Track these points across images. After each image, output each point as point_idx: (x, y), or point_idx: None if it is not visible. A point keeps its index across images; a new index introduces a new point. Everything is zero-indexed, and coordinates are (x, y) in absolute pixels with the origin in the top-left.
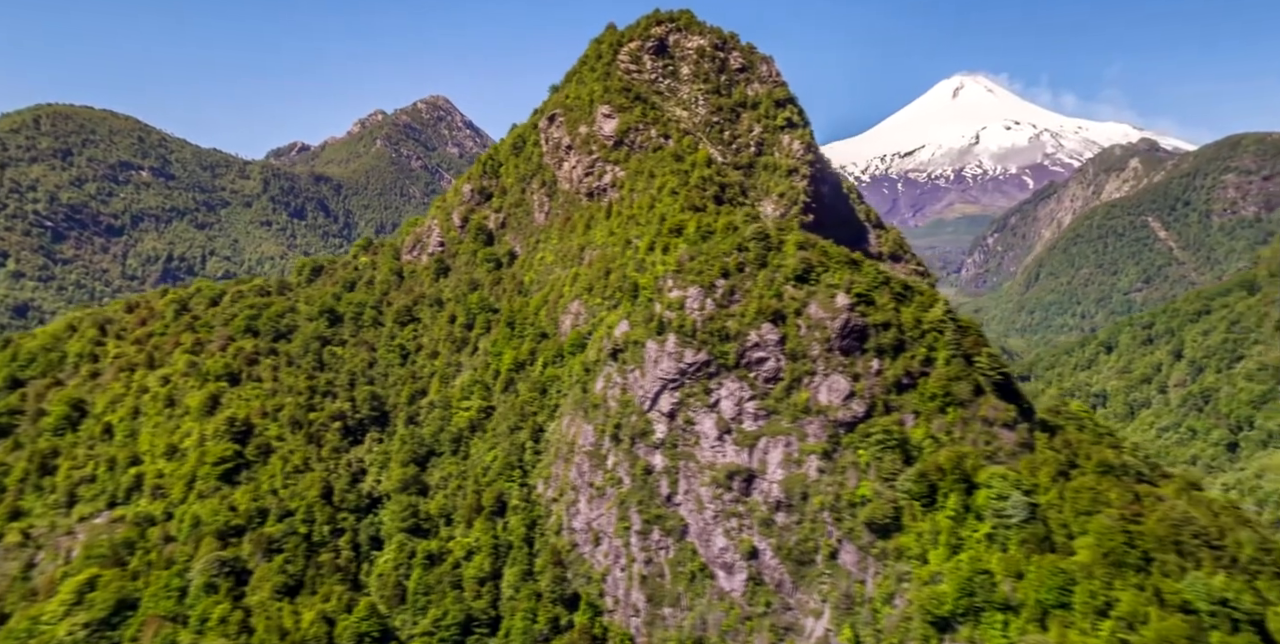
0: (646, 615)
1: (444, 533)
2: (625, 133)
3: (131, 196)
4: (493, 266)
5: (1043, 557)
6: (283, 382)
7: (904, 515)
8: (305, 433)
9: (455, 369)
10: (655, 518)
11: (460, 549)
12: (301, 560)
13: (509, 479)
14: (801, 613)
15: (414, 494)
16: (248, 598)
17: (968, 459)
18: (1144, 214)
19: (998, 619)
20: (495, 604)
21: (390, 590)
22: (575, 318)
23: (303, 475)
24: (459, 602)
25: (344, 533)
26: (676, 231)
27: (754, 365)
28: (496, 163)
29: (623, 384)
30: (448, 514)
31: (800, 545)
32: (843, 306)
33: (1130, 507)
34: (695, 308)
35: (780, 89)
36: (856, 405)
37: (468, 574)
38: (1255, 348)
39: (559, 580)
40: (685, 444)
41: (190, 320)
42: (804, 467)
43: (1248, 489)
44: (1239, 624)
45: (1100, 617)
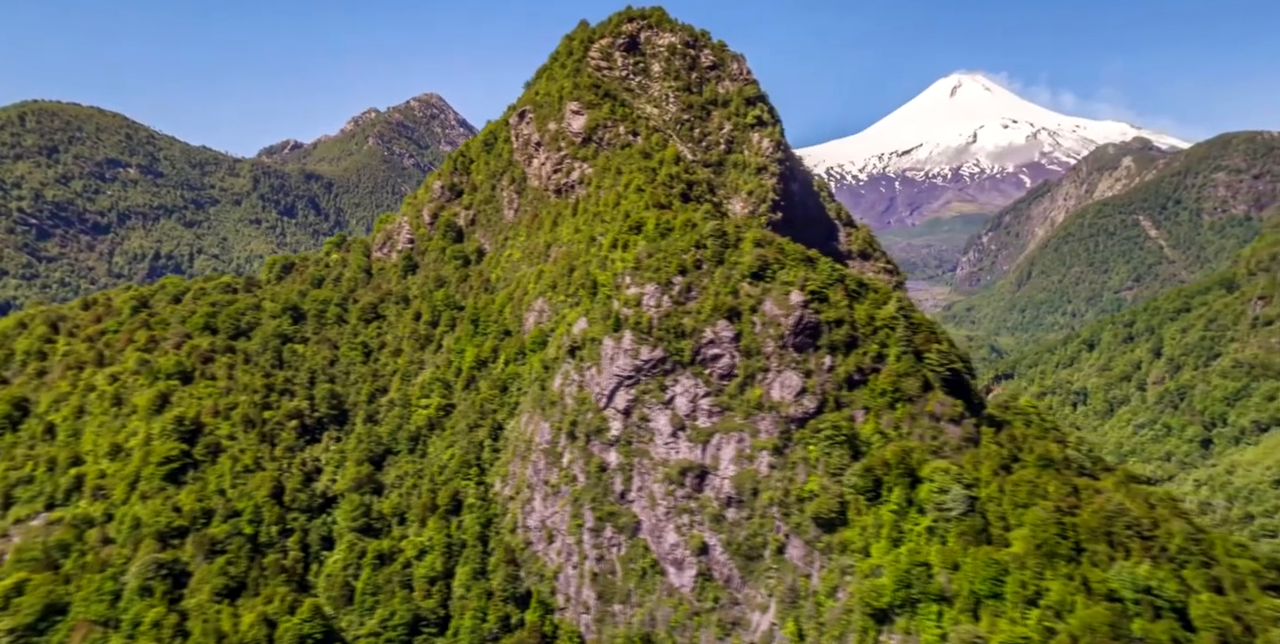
0: (597, 613)
1: (396, 532)
2: (594, 130)
3: (118, 194)
4: (460, 264)
5: (979, 548)
6: (238, 380)
7: (849, 510)
8: (259, 432)
9: (418, 367)
10: (608, 515)
11: (412, 548)
12: (245, 562)
13: (466, 477)
14: (748, 608)
15: (368, 493)
16: (185, 601)
17: (914, 454)
18: (1135, 213)
19: (933, 610)
20: (445, 604)
21: (338, 591)
22: (539, 315)
23: (253, 475)
24: (407, 601)
25: (293, 533)
26: (636, 229)
27: (709, 362)
28: (468, 159)
29: (580, 381)
30: (401, 513)
31: (749, 541)
32: (797, 304)
33: (1067, 499)
34: (652, 305)
35: (751, 87)
36: (808, 401)
37: (418, 573)
38: (1231, 345)
39: (511, 579)
40: (640, 441)
41: (146, 317)
42: (755, 462)
43: (1219, 485)
44: (1161, 612)
45: (1030, 606)
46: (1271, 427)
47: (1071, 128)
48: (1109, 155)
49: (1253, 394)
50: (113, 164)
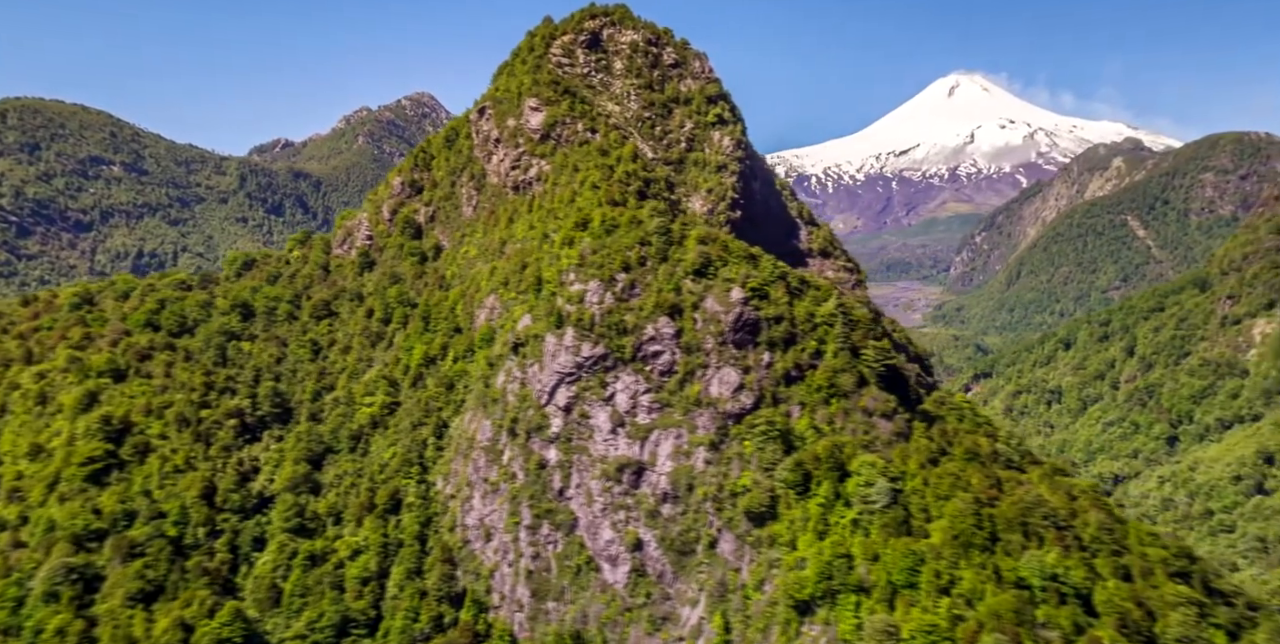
0: (530, 610)
1: (331, 532)
2: (552, 126)
3: (101, 192)
4: (418, 260)
5: (899, 540)
6: (176, 378)
7: (779, 504)
8: (193, 431)
9: (367, 365)
10: (546, 512)
11: (346, 549)
12: (165, 565)
13: (406, 476)
14: (679, 602)
15: (305, 493)
16: (96, 606)
17: (845, 448)
18: (1124, 213)
19: (852, 601)
20: (378, 604)
21: (265, 593)
22: (490, 312)
23: (183, 475)
24: (337, 603)
25: (222, 535)
26: (582, 225)
27: (650, 358)
28: (429, 156)
29: (522, 378)
30: (338, 513)
31: (682, 536)
32: (737, 300)
33: (988, 491)
34: (595, 302)
35: (712, 85)
36: (745, 397)
37: (350, 574)
38: (1201, 344)
39: (447, 578)
40: (580, 438)
41: (83, 315)
42: (692, 458)
43: (1181, 482)
44: (1066, 598)
45: (943, 595)
46: (1234, 424)
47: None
48: (1100, 155)
49: (1218, 392)
50: (96, 161)
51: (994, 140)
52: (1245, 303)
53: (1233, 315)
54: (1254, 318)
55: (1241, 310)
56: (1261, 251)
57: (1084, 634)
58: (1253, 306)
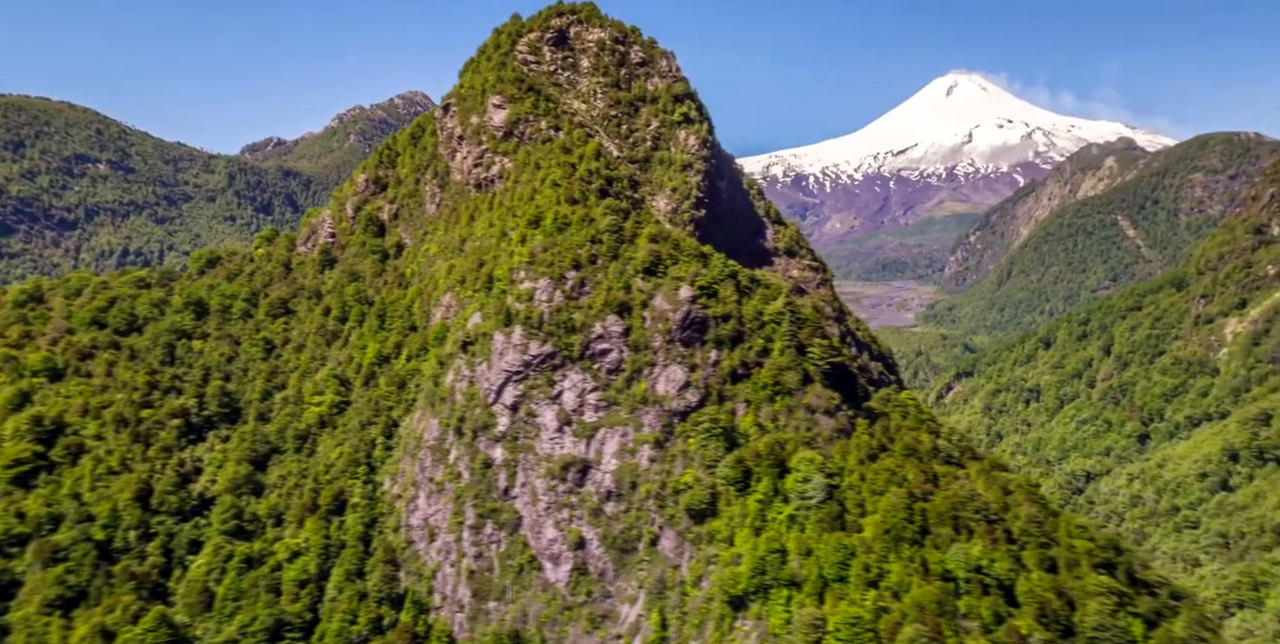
0: (470, 610)
1: (270, 534)
2: (515, 124)
3: (87, 190)
4: (379, 258)
5: (832, 534)
6: (117, 377)
7: (720, 501)
8: (132, 431)
9: (320, 363)
10: (490, 512)
11: (285, 551)
12: (89, 570)
13: (353, 476)
14: (619, 600)
15: (246, 495)
16: (10, 613)
17: (787, 445)
18: (1114, 213)
19: (783, 595)
20: (315, 607)
21: (196, 598)
22: (446, 310)
23: (117, 477)
24: (272, 606)
25: (155, 538)
26: (534, 223)
27: (598, 357)
28: (394, 153)
29: (470, 377)
30: (278, 514)
31: (625, 534)
32: (685, 299)
33: (923, 486)
34: (544, 300)
35: (679, 84)
36: (691, 395)
37: (288, 577)
38: (1175, 343)
39: (389, 579)
40: (526, 437)
41: (26, 312)
42: (637, 456)
43: (1149, 479)
44: (989, 588)
45: (871, 587)
46: (1203, 421)
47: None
48: (1092, 155)
49: (1189, 390)
50: (81, 159)
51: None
52: (1218, 302)
53: (1205, 314)
54: (1226, 317)
55: (1214, 309)
56: (1237, 251)
57: (1003, 624)
58: (1225, 306)
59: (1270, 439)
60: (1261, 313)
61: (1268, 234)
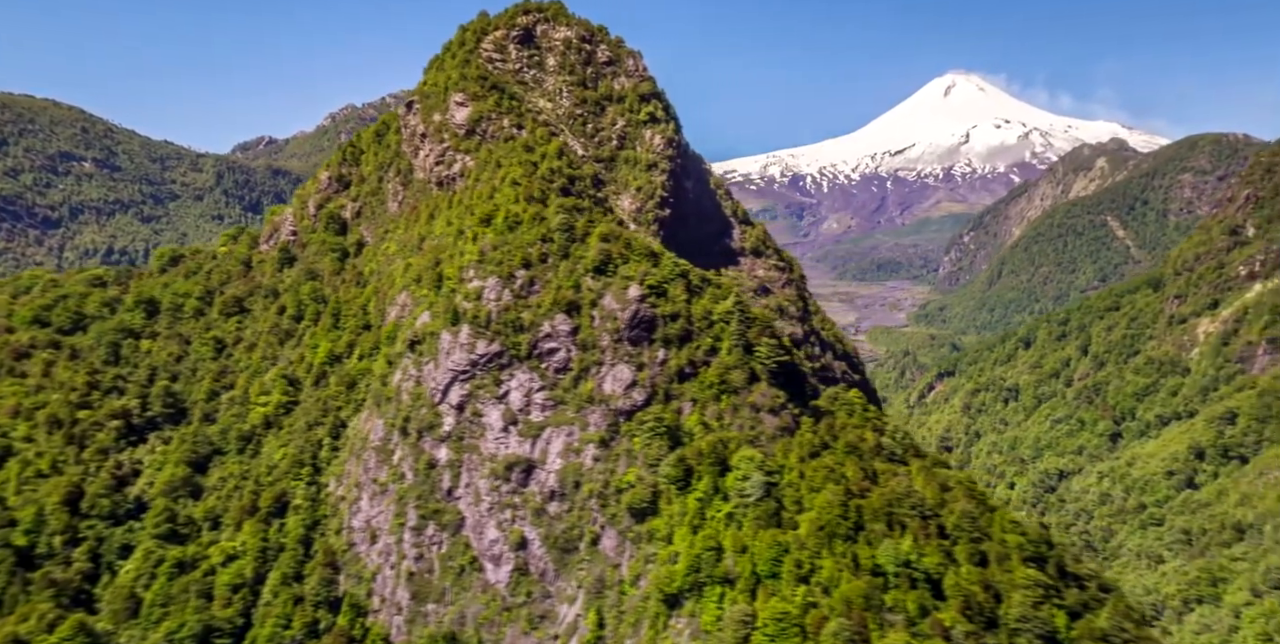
0: (409, 613)
1: (206, 538)
2: (477, 121)
3: (71, 188)
4: (339, 257)
5: (767, 531)
6: (55, 377)
7: (661, 499)
8: (66, 433)
9: (272, 363)
10: (433, 513)
11: (219, 554)
12: (4, 577)
13: (296, 478)
14: (559, 600)
15: (183, 497)
16: None
17: (730, 444)
18: (1104, 213)
19: (717, 592)
20: (249, 612)
21: (123, 604)
22: (401, 309)
23: (46, 480)
24: (202, 612)
25: (83, 543)
26: (485, 221)
27: (545, 356)
28: (358, 150)
29: (417, 376)
30: (215, 517)
31: (566, 534)
32: (634, 298)
33: (862, 483)
34: (492, 298)
35: (646, 83)
36: (637, 394)
37: (221, 581)
38: (1149, 343)
39: (327, 583)
40: (471, 437)
41: None
42: (581, 456)
43: (1118, 477)
44: (917, 582)
45: (802, 583)
46: (1172, 420)
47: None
48: (1084, 156)
49: (1160, 389)
50: (66, 157)
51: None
52: (1191, 302)
53: (1179, 315)
54: (1199, 317)
55: (1187, 310)
56: (1213, 252)
57: (928, 617)
58: (1198, 306)
59: (1234, 438)
60: (1232, 313)
61: (1242, 235)
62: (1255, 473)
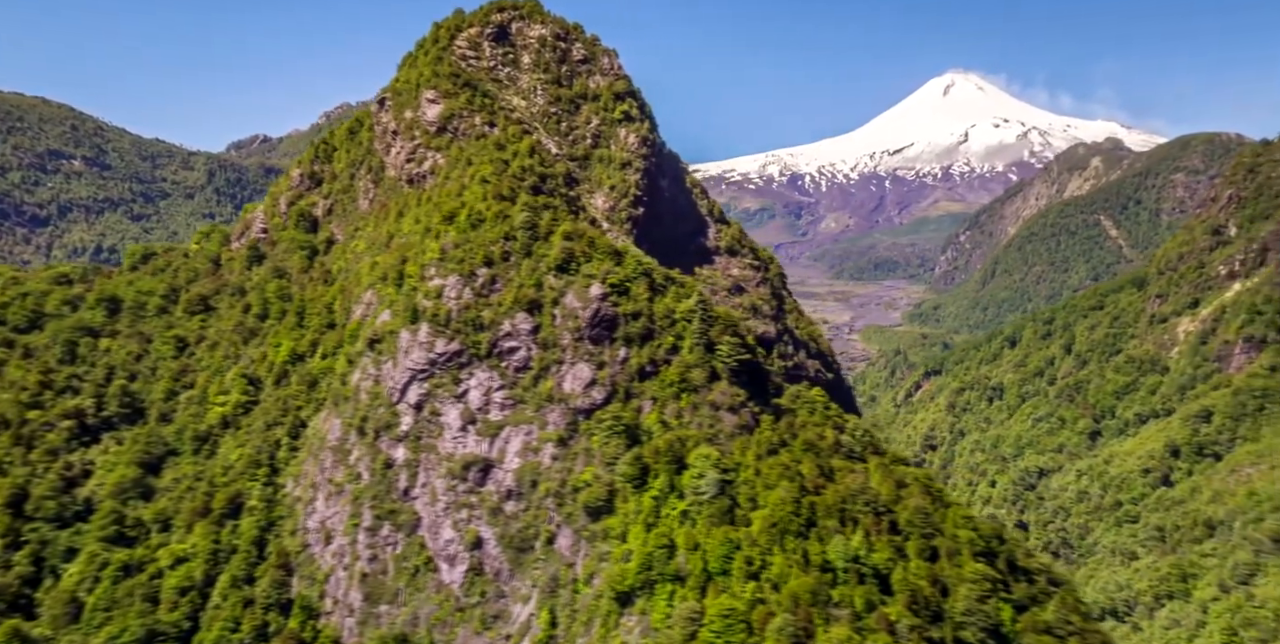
0: (361, 614)
1: (155, 540)
2: (449, 119)
3: (60, 186)
4: (308, 255)
5: (720, 528)
6: (5, 376)
7: (617, 498)
8: (13, 433)
9: (234, 362)
10: (388, 513)
11: (168, 557)
12: None
13: (252, 478)
14: (513, 600)
15: (134, 499)
16: None
17: (688, 442)
18: (1097, 212)
19: (668, 590)
20: (196, 616)
21: (63, 609)
22: (366, 308)
23: None
24: (147, 615)
25: (25, 546)
26: (448, 219)
27: (506, 355)
28: (331, 147)
29: (376, 375)
30: (166, 519)
31: (522, 533)
32: (595, 296)
33: (817, 480)
34: (453, 297)
35: (621, 82)
36: (597, 393)
37: (168, 584)
38: (1131, 342)
39: (279, 585)
40: (429, 436)
41: None
42: (540, 455)
43: (1096, 474)
44: (866, 578)
45: (752, 580)
46: (1150, 418)
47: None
48: (1079, 155)
49: (1140, 388)
50: (55, 155)
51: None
52: (1172, 302)
53: (1160, 314)
54: (1179, 316)
55: (1168, 309)
56: (1195, 252)
57: (875, 611)
58: (1179, 305)
59: (1209, 435)
60: (1211, 312)
61: (1225, 235)
62: (1227, 470)
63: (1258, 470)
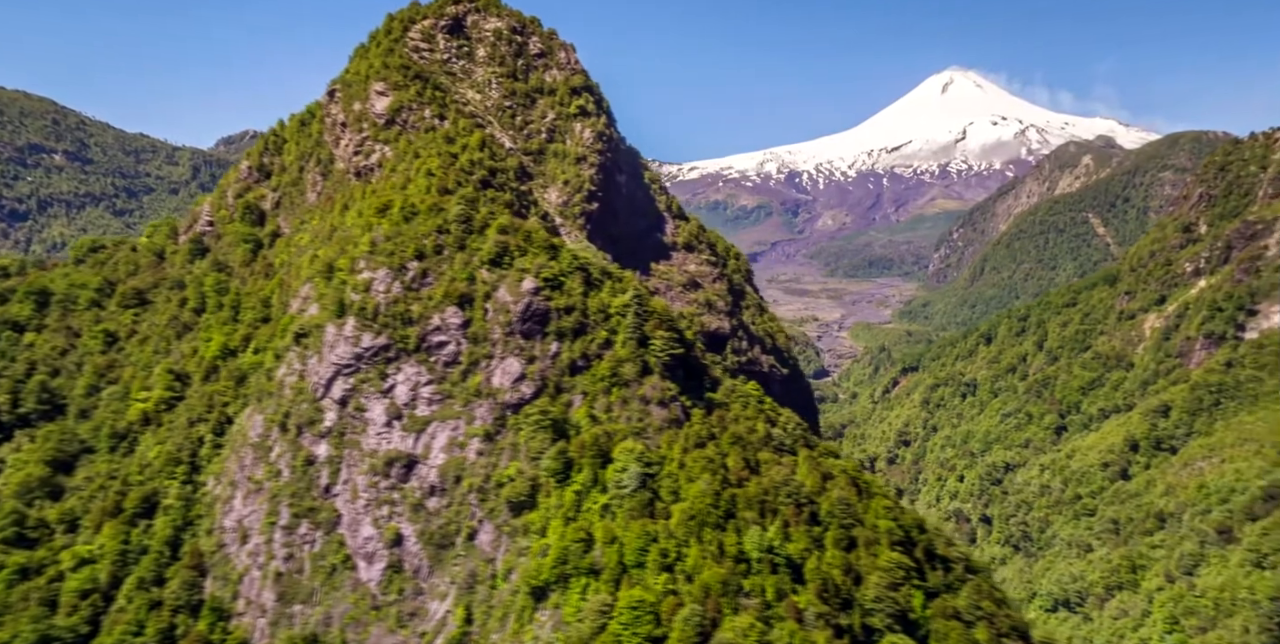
0: (273, 615)
1: (59, 542)
2: (397, 111)
3: (40, 180)
4: (252, 248)
5: (638, 521)
6: None
7: (540, 493)
8: None
9: (165, 357)
10: (307, 511)
11: (71, 559)
12: None
13: (170, 476)
14: (431, 597)
15: (41, 499)
16: None
17: (615, 436)
18: (1085, 210)
19: (582, 583)
20: (98, 619)
21: None
22: (303, 302)
23: None
24: (42, 620)
25: None
26: (381, 211)
27: (434, 349)
28: (281, 139)
29: (301, 370)
30: (73, 520)
31: (443, 529)
32: (528, 290)
33: (741, 473)
34: (381, 290)
35: (577, 76)
36: (525, 387)
37: (69, 587)
38: (1100, 338)
39: (190, 586)
40: (353, 432)
41: None
42: (466, 450)
43: (1058, 469)
44: (779, 568)
45: (666, 571)
46: (1113, 413)
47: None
48: (1070, 153)
49: (1105, 384)
50: (36, 149)
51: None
52: (1140, 298)
53: (1128, 310)
54: (1146, 313)
55: (1136, 306)
56: (1167, 249)
57: (784, 599)
58: (1146, 302)
59: (1167, 430)
60: (1175, 309)
61: (1195, 233)
62: (1181, 464)
63: (1209, 464)
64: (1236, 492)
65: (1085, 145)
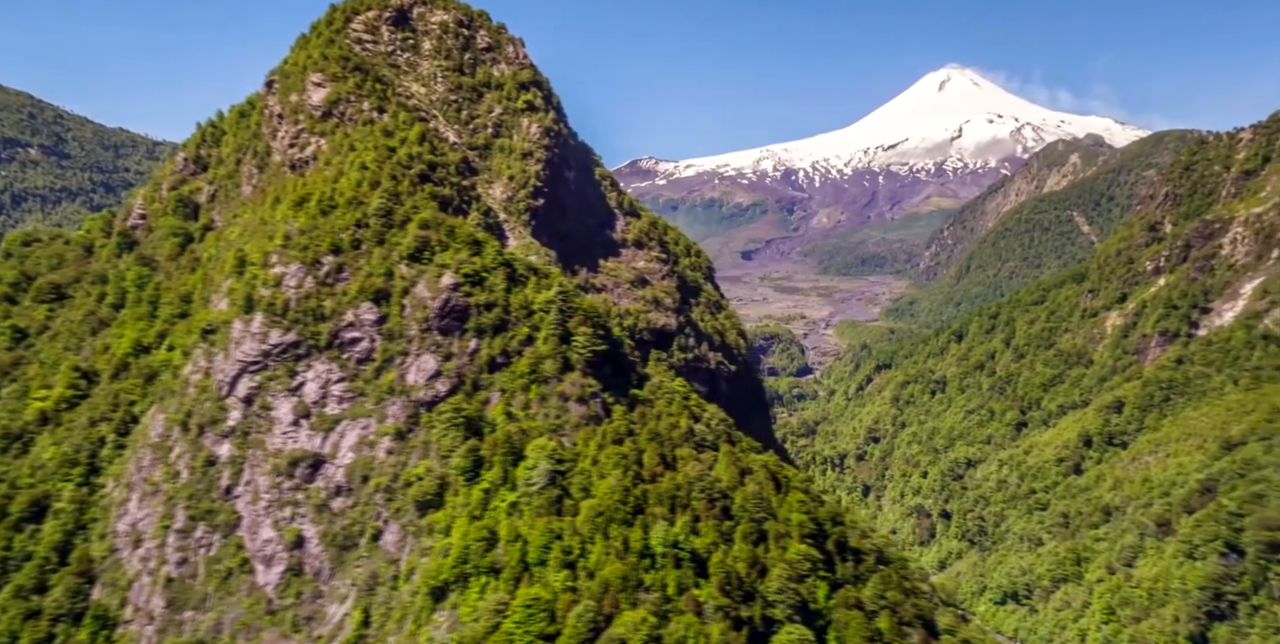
0: (162, 622)
1: None
2: (335, 103)
3: (15, 175)
4: (181, 242)
5: (543, 519)
6: None
7: (448, 491)
8: None
9: (73, 354)
10: (205, 513)
11: None
12: None
13: (65, 478)
14: (330, 600)
15: None
16: None
17: (530, 433)
18: (1070, 208)
19: (481, 582)
20: None
21: None
22: (223, 297)
23: None
24: None
25: None
26: (299, 204)
27: (347, 346)
28: (220, 131)
29: (206, 368)
30: None
31: (347, 530)
32: (447, 286)
33: (656, 469)
34: (292, 285)
35: (526, 71)
36: (441, 385)
37: None
38: (1065, 336)
39: (75, 593)
40: (258, 431)
41: None
42: (375, 449)
43: (1016, 464)
44: (682, 562)
45: (567, 568)
46: (1070, 410)
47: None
48: (1059, 151)
49: (1065, 380)
50: (10, 143)
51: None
52: (1103, 296)
53: (1091, 308)
54: (1109, 311)
55: (1099, 304)
56: (1133, 248)
57: (685, 593)
58: (1109, 300)
59: (1119, 425)
60: (1135, 307)
61: (1160, 231)
62: (1129, 458)
63: (1155, 458)
64: (1177, 485)
65: (1074, 143)
